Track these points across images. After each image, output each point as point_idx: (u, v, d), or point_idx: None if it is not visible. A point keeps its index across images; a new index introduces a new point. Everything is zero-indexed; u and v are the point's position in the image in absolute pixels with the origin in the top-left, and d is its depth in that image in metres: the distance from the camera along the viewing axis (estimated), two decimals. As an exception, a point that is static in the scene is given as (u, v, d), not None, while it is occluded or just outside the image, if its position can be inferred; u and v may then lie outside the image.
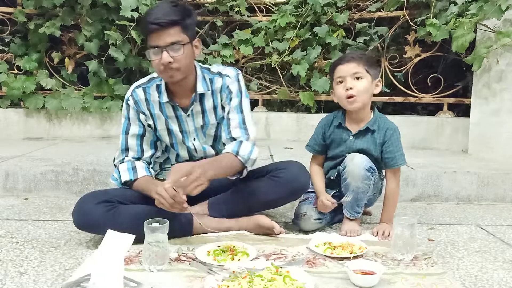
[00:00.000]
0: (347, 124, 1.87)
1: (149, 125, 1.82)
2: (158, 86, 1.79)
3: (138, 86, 1.82)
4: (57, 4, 3.29)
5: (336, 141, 1.90)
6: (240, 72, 1.85)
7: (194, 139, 1.85)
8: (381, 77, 3.38)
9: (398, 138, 1.84)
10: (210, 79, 1.80)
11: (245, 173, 1.75)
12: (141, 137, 1.81)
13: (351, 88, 1.76)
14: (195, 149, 1.87)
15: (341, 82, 1.80)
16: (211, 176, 1.52)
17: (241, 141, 1.72)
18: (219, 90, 1.80)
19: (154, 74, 1.82)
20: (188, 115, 1.80)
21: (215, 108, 1.82)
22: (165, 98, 1.76)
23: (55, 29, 3.34)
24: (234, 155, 1.68)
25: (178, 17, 1.61)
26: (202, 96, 1.79)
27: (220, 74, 1.81)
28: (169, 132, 1.83)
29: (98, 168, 2.41)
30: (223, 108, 1.82)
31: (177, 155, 1.90)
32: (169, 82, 1.72)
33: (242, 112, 1.79)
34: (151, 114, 1.80)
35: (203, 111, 1.81)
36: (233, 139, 1.75)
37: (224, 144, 1.79)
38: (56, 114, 3.54)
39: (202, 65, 1.84)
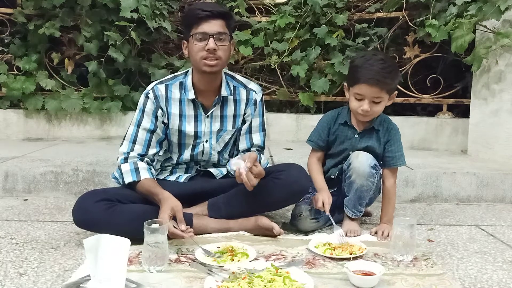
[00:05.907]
0: (352, 122, 1.89)
1: (163, 122, 1.83)
2: (181, 84, 1.83)
3: (160, 82, 1.85)
4: (57, 5, 3.29)
5: (340, 138, 1.91)
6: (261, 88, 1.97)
7: (207, 141, 1.87)
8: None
9: (399, 139, 1.89)
10: (234, 86, 1.88)
11: None
12: (151, 132, 1.82)
13: (367, 111, 1.75)
14: (203, 151, 1.89)
15: (359, 99, 1.76)
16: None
17: (260, 153, 1.95)
18: (245, 103, 1.88)
19: (178, 73, 1.88)
20: (208, 116, 1.84)
21: (235, 117, 1.88)
22: (191, 95, 1.80)
23: (54, 30, 3.33)
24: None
25: (226, 12, 1.76)
26: (224, 100, 1.85)
27: (245, 86, 1.90)
28: (180, 132, 1.84)
29: (98, 169, 2.41)
30: (243, 121, 1.91)
31: (179, 156, 1.91)
32: (207, 71, 1.74)
33: (264, 130, 1.96)
34: (167, 112, 1.82)
35: (222, 116, 1.86)
36: (251, 148, 1.95)
37: (231, 154, 1.97)
38: (55, 115, 3.54)
39: (226, 71, 1.88)
